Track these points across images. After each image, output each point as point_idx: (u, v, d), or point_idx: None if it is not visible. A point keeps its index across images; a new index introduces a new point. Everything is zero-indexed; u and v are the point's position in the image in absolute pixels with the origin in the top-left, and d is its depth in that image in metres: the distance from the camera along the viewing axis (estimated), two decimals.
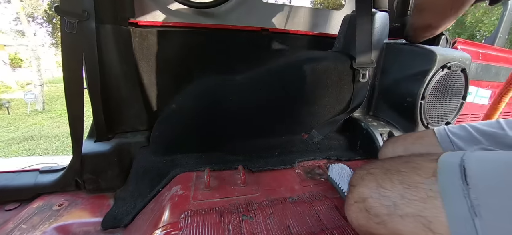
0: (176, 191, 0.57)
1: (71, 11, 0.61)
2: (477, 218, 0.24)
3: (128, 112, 0.84)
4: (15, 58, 13.15)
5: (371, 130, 0.80)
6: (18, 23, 9.34)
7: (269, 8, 1.09)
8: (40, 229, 0.57)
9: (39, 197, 0.69)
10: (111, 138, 0.79)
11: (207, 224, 0.47)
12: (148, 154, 0.77)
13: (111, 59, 0.75)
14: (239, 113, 0.82)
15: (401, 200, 0.30)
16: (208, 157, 0.75)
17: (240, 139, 0.82)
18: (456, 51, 0.79)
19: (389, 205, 0.31)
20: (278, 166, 0.70)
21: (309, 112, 0.87)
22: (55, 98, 8.94)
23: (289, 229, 0.47)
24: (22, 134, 5.08)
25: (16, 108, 7.35)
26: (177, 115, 0.80)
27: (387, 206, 0.32)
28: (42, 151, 4.23)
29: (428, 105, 0.79)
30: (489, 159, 0.27)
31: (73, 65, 0.64)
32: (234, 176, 0.64)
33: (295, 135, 0.87)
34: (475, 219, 0.24)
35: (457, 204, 0.25)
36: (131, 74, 0.81)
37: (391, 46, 0.88)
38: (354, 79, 0.87)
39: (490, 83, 1.11)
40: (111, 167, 0.73)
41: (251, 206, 0.53)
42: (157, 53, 0.91)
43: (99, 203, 0.69)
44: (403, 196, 0.31)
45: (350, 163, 0.75)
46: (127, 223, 0.60)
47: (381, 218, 0.32)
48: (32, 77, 8.89)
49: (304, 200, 0.56)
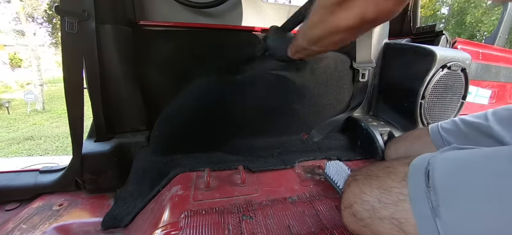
0: (176, 191, 0.57)
1: (71, 11, 0.61)
2: (437, 218, 0.25)
3: (128, 112, 0.84)
4: (15, 58, 13.15)
5: (371, 130, 0.80)
6: (18, 23, 9.34)
7: (269, 8, 1.09)
8: (40, 229, 0.57)
9: (39, 197, 0.69)
10: (111, 138, 0.79)
11: (207, 224, 0.47)
12: (148, 154, 0.77)
13: (111, 59, 0.75)
14: (239, 113, 0.82)
15: (379, 204, 0.32)
16: (208, 157, 0.75)
17: (240, 139, 0.82)
18: (456, 51, 0.80)
19: (369, 209, 0.34)
20: (278, 166, 0.70)
21: (309, 112, 0.87)
22: (55, 98, 8.94)
23: (289, 229, 0.47)
24: (22, 134, 5.08)
25: (16, 108, 7.35)
26: (177, 115, 0.80)
27: (368, 210, 0.34)
28: (42, 151, 4.23)
29: (428, 105, 0.79)
30: (452, 159, 0.28)
31: (73, 65, 0.64)
32: (234, 176, 0.64)
33: (295, 135, 0.87)
34: (436, 219, 0.25)
35: (421, 205, 0.27)
36: (131, 74, 0.81)
37: (391, 46, 0.88)
38: (354, 79, 0.87)
39: (490, 83, 1.10)
40: (111, 167, 0.73)
41: (251, 206, 0.53)
42: (157, 53, 0.91)
43: (99, 203, 0.69)
44: (380, 200, 0.33)
45: (350, 163, 0.75)
46: (127, 223, 0.60)
47: (365, 222, 0.34)
48: (32, 77, 8.89)
49: (304, 200, 0.56)
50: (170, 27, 0.91)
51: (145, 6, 0.89)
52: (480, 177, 0.24)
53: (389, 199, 0.32)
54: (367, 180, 0.37)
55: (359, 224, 0.35)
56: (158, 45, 0.90)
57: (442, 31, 0.90)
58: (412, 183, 0.30)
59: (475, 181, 0.24)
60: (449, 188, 0.26)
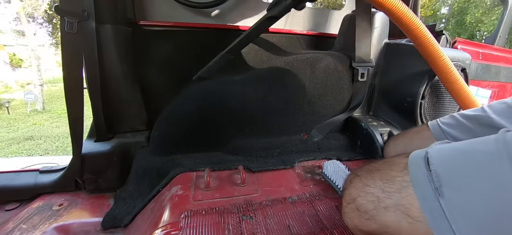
0: (176, 191, 0.57)
1: (71, 11, 0.61)
2: (440, 197, 0.27)
3: (128, 112, 0.84)
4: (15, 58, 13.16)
5: (371, 130, 0.80)
6: (18, 23, 9.34)
7: None
8: (40, 229, 0.57)
9: (39, 197, 0.69)
10: (111, 138, 0.79)
11: (207, 224, 0.47)
12: (148, 154, 0.77)
13: (111, 59, 0.75)
14: (239, 113, 0.82)
15: (383, 194, 0.34)
16: (208, 157, 0.75)
17: (240, 139, 0.82)
18: (456, 51, 0.80)
19: (374, 200, 0.35)
20: (278, 166, 0.70)
21: (309, 111, 0.87)
22: (55, 98, 8.94)
23: (289, 229, 0.47)
24: (22, 134, 5.08)
25: (16, 108, 7.34)
26: (177, 115, 0.80)
27: (372, 201, 0.35)
28: (42, 151, 4.23)
29: (428, 105, 0.79)
30: (449, 148, 0.30)
31: (73, 65, 0.64)
32: (234, 176, 0.64)
33: (295, 135, 0.87)
34: (439, 198, 0.27)
35: (424, 188, 0.29)
36: (131, 74, 0.81)
37: (391, 46, 0.88)
38: (353, 78, 0.87)
39: (490, 83, 1.10)
40: (111, 167, 0.73)
41: (251, 206, 0.53)
42: (157, 53, 0.91)
43: (99, 203, 0.69)
44: (383, 190, 0.34)
45: (350, 163, 0.75)
46: (127, 223, 0.60)
47: (370, 214, 0.35)
48: (32, 77, 8.89)
49: (304, 200, 0.56)
50: (170, 27, 0.91)
51: (145, 6, 0.89)
52: (476, 158, 0.27)
53: (392, 188, 0.33)
54: (369, 174, 0.38)
55: (363, 218, 0.36)
56: (158, 45, 0.90)
57: (442, 31, 0.90)
58: (413, 170, 0.31)
59: (472, 163, 0.27)
60: (449, 169, 0.28)
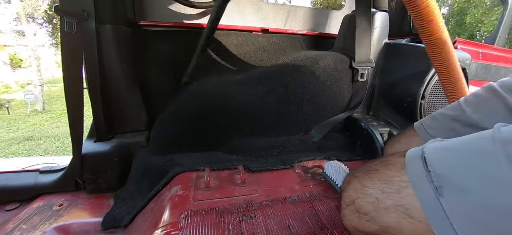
0: (176, 191, 0.57)
1: (70, 11, 0.61)
2: (441, 197, 0.27)
3: (128, 112, 0.84)
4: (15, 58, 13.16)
5: (371, 130, 0.80)
6: (18, 23, 9.35)
7: (269, 8, 1.09)
8: (40, 229, 0.57)
9: (39, 197, 0.69)
10: (111, 138, 0.79)
11: (207, 224, 0.47)
12: (148, 154, 0.77)
13: (111, 59, 0.75)
14: (238, 112, 0.82)
15: (382, 195, 0.33)
16: (207, 157, 0.75)
17: (239, 139, 0.82)
18: (456, 51, 0.79)
19: (373, 201, 0.34)
20: (278, 166, 0.70)
21: (309, 111, 0.87)
22: (55, 98, 8.94)
23: (289, 229, 0.47)
24: (22, 134, 5.08)
25: (16, 108, 7.35)
26: (177, 114, 0.80)
27: (372, 203, 0.34)
28: (42, 151, 4.23)
29: (428, 105, 0.79)
30: (445, 147, 0.30)
31: (73, 65, 0.64)
32: (234, 176, 0.64)
33: (294, 135, 0.87)
34: (440, 199, 0.27)
35: (424, 188, 0.29)
36: (131, 74, 0.81)
37: (391, 46, 0.88)
38: (353, 78, 0.87)
39: None
40: (111, 167, 0.73)
41: (251, 206, 0.53)
42: (157, 53, 0.91)
43: (99, 203, 0.69)
44: (382, 191, 0.33)
45: (350, 163, 0.75)
46: (127, 223, 0.60)
47: (370, 215, 0.34)
48: (32, 77, 8.90)
49: (304, 200, 0.56)
50: (170, 27, 0.91)
51: (145, 6, 0.89)
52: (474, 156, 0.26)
53: (391, 188, 0.32)
54: (367, 174, 0.37)
55: (363, 219, 0.35)
56: (158, 45, 0.90)
57: None
58: (411, 170, 0.31)
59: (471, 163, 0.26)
60: (448, 169, 0.27)
